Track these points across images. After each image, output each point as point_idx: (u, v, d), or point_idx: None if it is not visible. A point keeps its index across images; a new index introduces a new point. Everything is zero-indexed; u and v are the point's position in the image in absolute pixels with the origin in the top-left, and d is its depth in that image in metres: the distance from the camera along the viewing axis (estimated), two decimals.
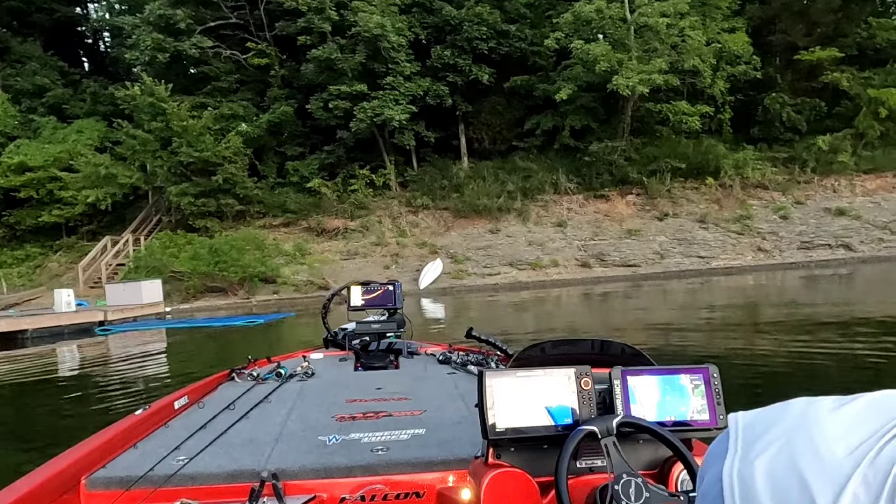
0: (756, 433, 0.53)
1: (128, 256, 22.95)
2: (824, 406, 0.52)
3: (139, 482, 2.03)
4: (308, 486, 2.05)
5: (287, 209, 23.83)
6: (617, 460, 1.45)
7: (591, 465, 1.57)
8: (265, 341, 13.02)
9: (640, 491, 1.37)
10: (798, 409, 0.53)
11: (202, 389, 3.36)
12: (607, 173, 23.83)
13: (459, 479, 1.91)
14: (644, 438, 1.59)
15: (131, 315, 17.19)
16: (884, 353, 7.52)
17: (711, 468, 0.55)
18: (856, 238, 21.76)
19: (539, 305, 16.90)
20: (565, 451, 1.43)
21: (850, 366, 7.10)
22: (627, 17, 22.41)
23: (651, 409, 1.59)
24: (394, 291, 4.50)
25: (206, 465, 2.16)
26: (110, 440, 2.37)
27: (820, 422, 0.50)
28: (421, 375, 3.69)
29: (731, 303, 14.60)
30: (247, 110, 24.71)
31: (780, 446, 0.49)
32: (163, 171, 22.88)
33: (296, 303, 19.62)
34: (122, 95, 22.87)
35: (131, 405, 6.43)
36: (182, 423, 2.70)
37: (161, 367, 10.36)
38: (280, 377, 3.48)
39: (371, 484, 2.03)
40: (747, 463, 0.50)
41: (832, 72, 23.98)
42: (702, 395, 1.62)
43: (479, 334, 3.40)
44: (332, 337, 4.67)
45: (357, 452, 2.22)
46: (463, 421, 2.49)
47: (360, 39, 22.53)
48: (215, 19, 25.09)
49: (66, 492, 2.03)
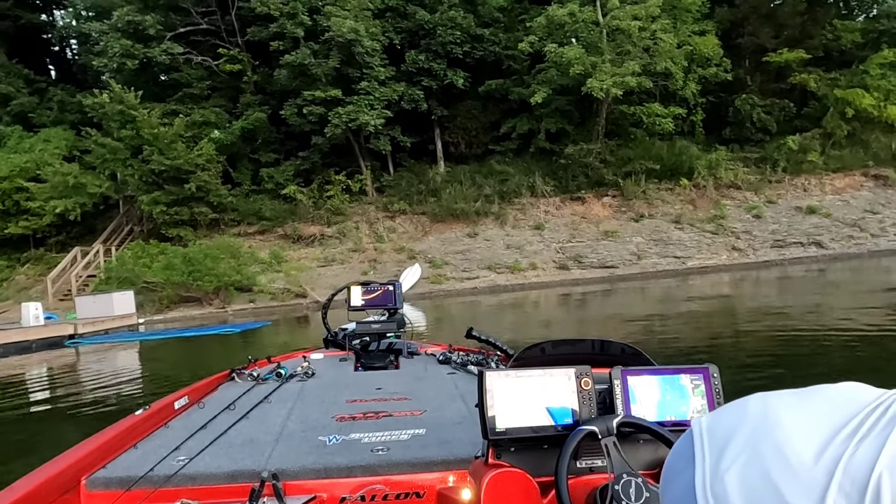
0: (720, 441, 0.49)
1: (98, 267, 22.43)
2: (782, 403, 0.49)
3: (139, 482, 2.02)
4: (308, 486, 2.05)
5: (262, 216, 23.55)
6: (617, 460, 1.45)
7: (591, 465, 1.56)
8: (242, 351, 12.78)
9: (641, 491, 1.36)
10: (757, 409, 0.50)
11: (202, 389, 3.34)
12: (583, 176, 23.99)
13: (459, 479, 1.91)
14: (644, 438, 1.58)
15: (102, 327, 16.77)
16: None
17: (676, 480, 0.52)
18: (826, 235, 22.17)
19: (519, 308, 16.88)
20: (565, 451, 1.43)
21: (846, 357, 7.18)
22: (600, 21, 22.61)
23: (651, 409, 1.58)
24: (394, 291, 4.50)
25: (207, 465, 2.15)
26: (110, 440, 2.36)
27: (781, 423, 0.48)
28: (421, 375, 3.68)
29: (717, 301, 14.73)
30: (219, 117, 24.39)
31: (749, 457, 0.47)
32: (134, 180, 22.47)
33: (273, 311, 19.35)
34: (90, 103, 22.42)
35: (100, 421, 6.22)
36: (182, 424, 2.70)
37: (133, 380, 10.07)
38: (280, 377, 3.47)
39: (371, 484, 2.03)
40: (718, 479, 0.47)
41: (800, 73, 24.48)
42: (702, 394, 1.60)
43: (479, 334, 3.37)
44: (332, 337, 4.66)
45: (357, 452, 2.22)
46: (463, 421, 2.50)
47: (333, 44, 22.39)
48: (185, 25, 24.75)
49: (66, 492, 2.02)
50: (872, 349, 7.65)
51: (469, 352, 4.11)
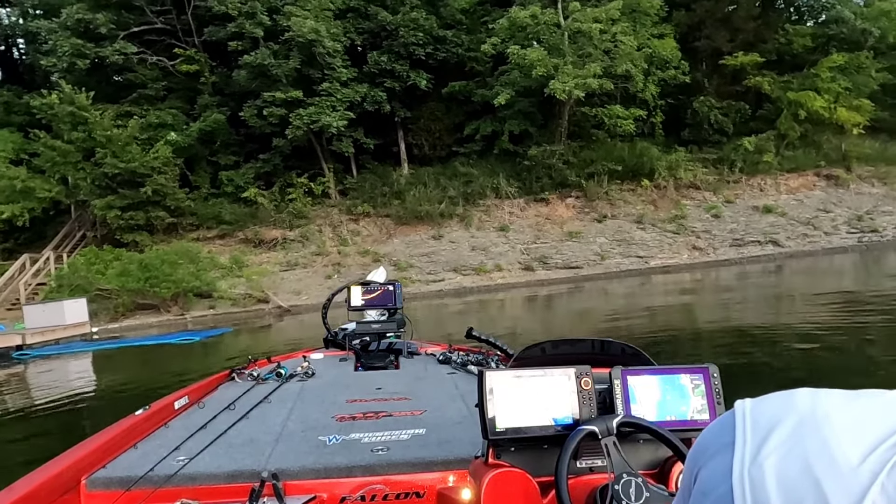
0: (764, 428, 0.50)
1: (49, 275, 21.54)
2: (833, 402, 0.50)
3: (139, 482, 2.03)
4: (308, 486, 2.05)
5: (222, 220, 22.99)
6: (617, 460, 1.45)
7: (591, 465, 1.56)
8: (202, 359, 12.38)
9: (641, 491, 1.36)
10: (805, 404, 0.51)
11: (202, 389, 3.34)
12: (547, 177, 24.11)
13: (459, 479, 1.92)
14: (644, 438, 1.58)
15: (53, 337, 16.11)
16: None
17: (712, 460, 0.52)
18: (782, 234, 22.76)
19: (484, 311, 16.81)
20: (565, 450, 1.43)
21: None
22: (561, 23, 22.80)
23: (651, 409, 1.58)
24: (394, 291, 4.51)
25: (207, 465, 2.16)
26: (110, 440, 2.36)
27: (830, 420, 0.48)
28: (421, 375, 3.69)
29: (679, 298, 14.92)
30: (176, 119, 23.74)
31: (792, 447, 0.48)
32: (86, 184, 21.68)
33: (234, 317, 18.87)
34: (38, 104, 21.59)
35: (49, 442, 5.86)
36: (182, 424, 2.70)
37: (86, 396, 9.62)
38: (280, 377, 3.49)
39: (371, 484, 2.03)
40: (757, 465, 0.48)
41: (754, 76, 25.11)
42: (702, 394, 1.60)
43: (479, 334, 3.37)
44: (332, 337, 4.66)
45: (357, 452, 2.22)
46: (463, 421, 2.51)
47: (294, 45, 22.01)
48: (139, 24, 24.03)
49: (66, 492, 2.02)
50: (825, 347, 7.79)
51: (469, 352, 4.12)
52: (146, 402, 2.89)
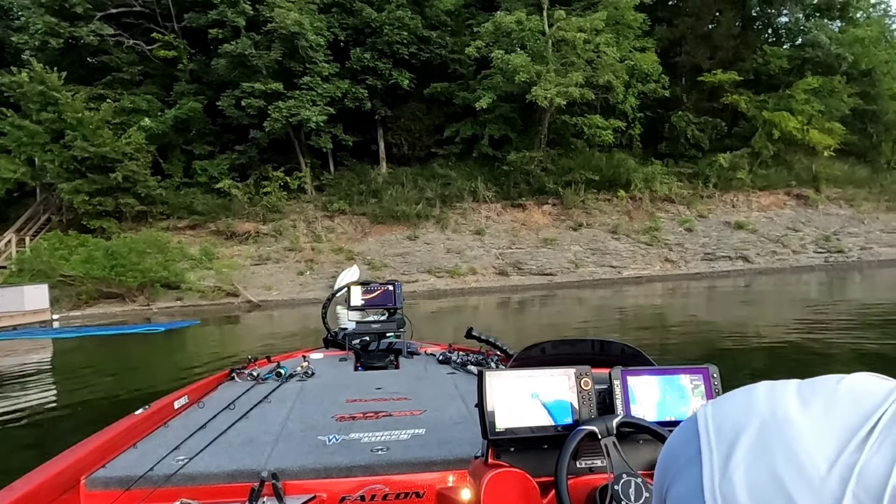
0: (729, 437, 0.49)
1: (10, 259, 20.87)
2: (791, 400, 0.49)
3: (139, 482, 2.03)
4: (308, 485, 2.05)
5: (193, 211, 22.53)
6: (617, 460, 1.45)
7: (591, 465, 1.56)
8: (166, 352, 12.06)
9: (640, 491, 1.36)
10: (764, 402, 0.50)
11: (202, 389, 3.34)
12: (524, 183, 24.17)
13: (459, 479, 1.92)
14: (644, 438, 1.58)
15: (11, 323, 15.60)
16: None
17: (681, 477, 0.50)
18: (752, 250, 23.14)
19: (457, 314, 16.72)
20: (565, 451, 1.43)
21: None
22: (546, 31, 22.90)
23: (651, 409, 1.58)
24: (394, 291, 4.51)
25: (206, 464, 2.16)
26: (110, 440, 2.36)
27: (792, 423, 0.47)
28: (421, 375, 3.71)
29: (650, 308, 15.02)
30: (151, 105, 23.22)
31: (759, 455, 0.46)
32: (53, 167, 21.05)
33: (201, 310, 18.46)
34: (6, 82, 20.93)
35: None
36: (182, 423, 2.71)
37: (44, 383, 9.28)
38: (280, 377, 3.51)
39: (371, 484, 2.04)
40: (727, 479, 0.47)
41: (732, 94, 25.56)
42: (702, 395, 1.60)
43: (479, 334, 3.36)
44: (332, 337, 4.66)
45: (357, 452, 2.23)
46: (463, 421, 2.52)
47: (276, 36, 21.71)
48: (117, 6, 23.45)
49: (65, 491, 2.02)
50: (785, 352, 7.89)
51: (469, 352, 4.13)
52: (95, 389, 2.75)
